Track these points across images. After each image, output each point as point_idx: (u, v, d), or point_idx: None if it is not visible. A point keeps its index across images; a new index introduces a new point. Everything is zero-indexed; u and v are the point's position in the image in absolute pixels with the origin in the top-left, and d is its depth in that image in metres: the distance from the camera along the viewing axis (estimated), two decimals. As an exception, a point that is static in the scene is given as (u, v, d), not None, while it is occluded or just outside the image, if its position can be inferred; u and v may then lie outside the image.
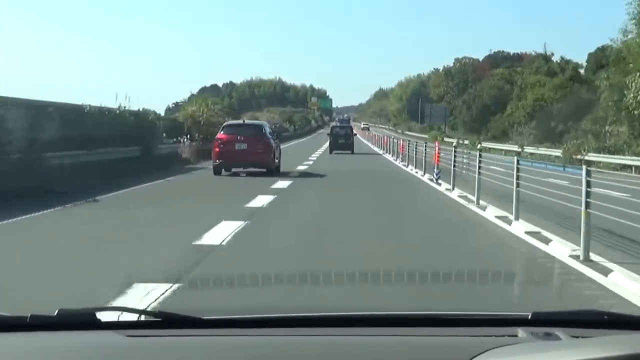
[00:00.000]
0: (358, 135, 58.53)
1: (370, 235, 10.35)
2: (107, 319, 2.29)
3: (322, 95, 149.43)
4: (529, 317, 2.32)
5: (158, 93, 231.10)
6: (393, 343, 2.13)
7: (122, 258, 8.09)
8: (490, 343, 2.01)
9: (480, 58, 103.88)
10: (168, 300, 5.75)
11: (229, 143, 21.91)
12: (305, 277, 6.50)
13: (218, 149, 21.98)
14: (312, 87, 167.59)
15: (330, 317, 2.47)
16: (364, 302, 5.58)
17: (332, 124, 62.88)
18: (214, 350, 2.08)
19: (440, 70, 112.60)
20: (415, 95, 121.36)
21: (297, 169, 25.86)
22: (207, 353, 2.05)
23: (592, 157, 35.49)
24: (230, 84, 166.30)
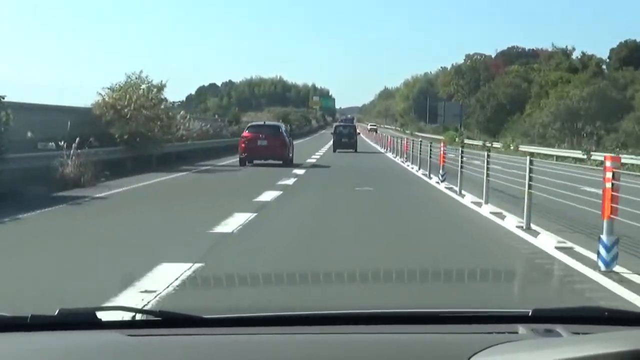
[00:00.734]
0: (362, 135, 63.10)
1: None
2: (107, 319, 2.28)
3: (324, 95, 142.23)
4: (530, 314, 2.34)
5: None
6: (394, 341, 2.14)
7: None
8: (491, 340, 2.02)
9: (493, 54, 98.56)
10: (169, 299, 5.86)
11: (253, 140, 26.76)
12: (306, 276, 6.56)
13: (244, 145, 26.91)
14: (314, 86, 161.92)
15: (331, 315, 2.47)
16: (365, 299, 5.72)
17: (335, 124, 62.28)
18: (215, 349, 2.09)
19: (449, 69, 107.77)
20: (423, 95, 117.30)
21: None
22: (208, 352, 2.07)
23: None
24: (230, 83, 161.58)
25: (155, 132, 24.97)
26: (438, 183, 19.99)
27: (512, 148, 47.00)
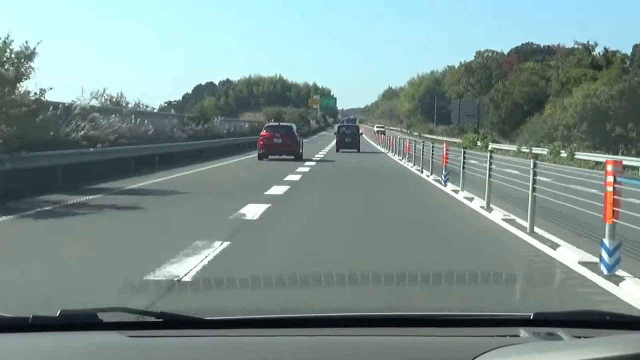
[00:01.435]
0: (364, 137, 58.29)
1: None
2: (109, 320, 2.27)
3: (325, 94, 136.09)
4: (531, 317, 2.33)
5: (151, 92, 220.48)
6: (395, 343, 2.14)
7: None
8: (493, 343, 2.01)
9: (505, 51, 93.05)
10: (170, 299, 5.92)
11: (270, 138, 31.59)
12: (307, 278, 6.49)
13: (262, 142, 31.63)
14: (315, 85, 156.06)
15: (332, 317, 2.49)
16: (366, 302, 5.69)
17: (338, 125, 61.24)
18: (216, 351, 2.10)
19: (457, 67, 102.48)
20: (430, 94, 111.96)
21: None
22: (209, 353, 2.08)
23: None
24: (227, 82, 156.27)
25: (5, 131, 15.13)
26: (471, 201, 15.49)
27: (565, 155, 39.87)
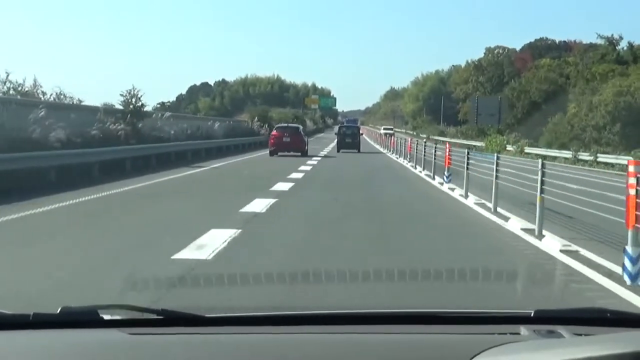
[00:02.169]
0: (367, 139, 60.42)
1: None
2: (109, 317, 2.28)
3: (325, 95, 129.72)
4: (532, 314, 2.33)
5: (145, 93, 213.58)
6: (397, 341, 2.14)
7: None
8: (493, 340, 2.02)
9: (517, 48, 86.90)
10: (171, 297, 5.86)
11: (279, 137, 38.06)
12: (308, 275, 6.56)
13: (273, 140, 38.08)
14: (314, 85, 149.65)
15: (333, 314, 2.48)
16: (367, 299, 5.70)
17: (338, 126, 60.41)
18: (217, 348, 2.09)
19: (464, 66, 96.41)
20: (435, 94, 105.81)
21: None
22: (209, 351, 2.07)
23: None
24: (223, 82, 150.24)
25: None
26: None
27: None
